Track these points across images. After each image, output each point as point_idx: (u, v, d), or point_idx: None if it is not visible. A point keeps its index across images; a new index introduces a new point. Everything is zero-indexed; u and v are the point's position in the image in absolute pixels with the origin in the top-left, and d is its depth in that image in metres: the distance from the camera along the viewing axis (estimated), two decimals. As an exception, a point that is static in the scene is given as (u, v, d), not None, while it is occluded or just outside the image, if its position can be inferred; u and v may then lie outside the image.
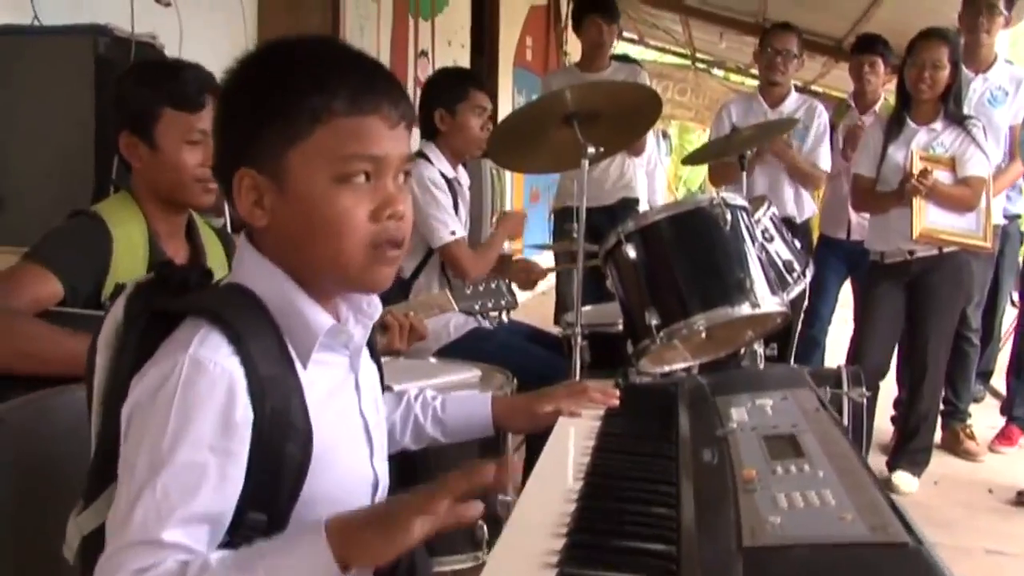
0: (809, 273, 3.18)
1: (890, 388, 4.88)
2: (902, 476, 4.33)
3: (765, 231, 3.05)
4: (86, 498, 1.28)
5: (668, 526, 1.24)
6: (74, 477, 1.31)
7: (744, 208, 2.61)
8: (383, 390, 1.59)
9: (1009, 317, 5.83)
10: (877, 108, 5.22)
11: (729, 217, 2.50)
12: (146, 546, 1.10)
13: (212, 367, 1.17)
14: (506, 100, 8.88)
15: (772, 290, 2.52)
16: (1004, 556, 3.72)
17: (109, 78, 2.98)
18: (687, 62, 12.74)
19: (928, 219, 4.10)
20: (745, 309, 2.41)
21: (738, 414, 1.66)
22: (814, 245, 5.18)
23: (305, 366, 1.28)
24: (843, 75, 10.09)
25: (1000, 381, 6.07)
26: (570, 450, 1.68)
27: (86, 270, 2.10)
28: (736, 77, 12.68)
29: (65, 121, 3.06)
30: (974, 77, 4.66)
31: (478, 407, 1.88)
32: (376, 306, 1.43)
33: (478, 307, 2.67)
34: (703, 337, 2.54)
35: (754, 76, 8.48)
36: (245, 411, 1.18)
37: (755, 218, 2.89)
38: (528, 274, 3.65)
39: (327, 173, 1.24)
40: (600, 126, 2.93)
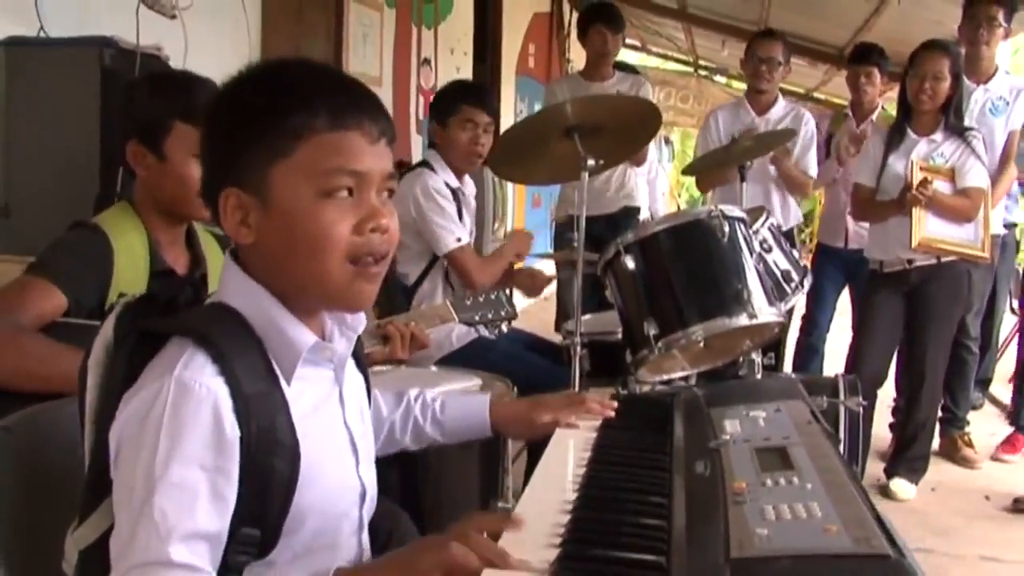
0: (807, 283, 3.20)
1: (888, 395, 4.89)
2: (900, 483, 4.36)
3: (764, 241, 3.07)
4: (81, 513, 1.30)
5: (659, 537, 1.27)
6: (78, 489, 1.33)
7: (742, 219, 2.64)
8: (369, 400, 1.62)
9: (1007, 325, 5.86)
10: (874, 117, 5.26)
11: (727, 228, 2.52)
12: (156, 567, 1.13)
13: (198, 388, 1.20)
14: (508, 108, 8.90)
15: (769, 300, 2.55)
16: (1000, 563, 3.74)
17: (114, 89, 3.01)
18: (689, 69, 12.75)
19: (927, 229, 4.12)
20: (742, 319, 2.44)
21: (731, 426, 1.69)
22: (800, 251, 5.19)
23: (289, 383, 1.31)
24: (844, 83, 10.17)
25: (998, 388, 6.11)
26: (567, 461, 1.70)
27: (89, 282, 2.11)
28: (738, 84, 12.67)
29: (71, 131, 3.08)
30: (975, 88, 4.68)
31: (476, 409, 1.91)
32: (360, 319, 1.47)
33: (478, 318, 2.70)
34: (701, 347, 2.56)
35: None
36: (232, 429, 1.21)
37: (754, 229, 2.91)
38: (533, 280, 3.69)
39: (310, 188, 1.27)
40: (601, 139, 2.96)
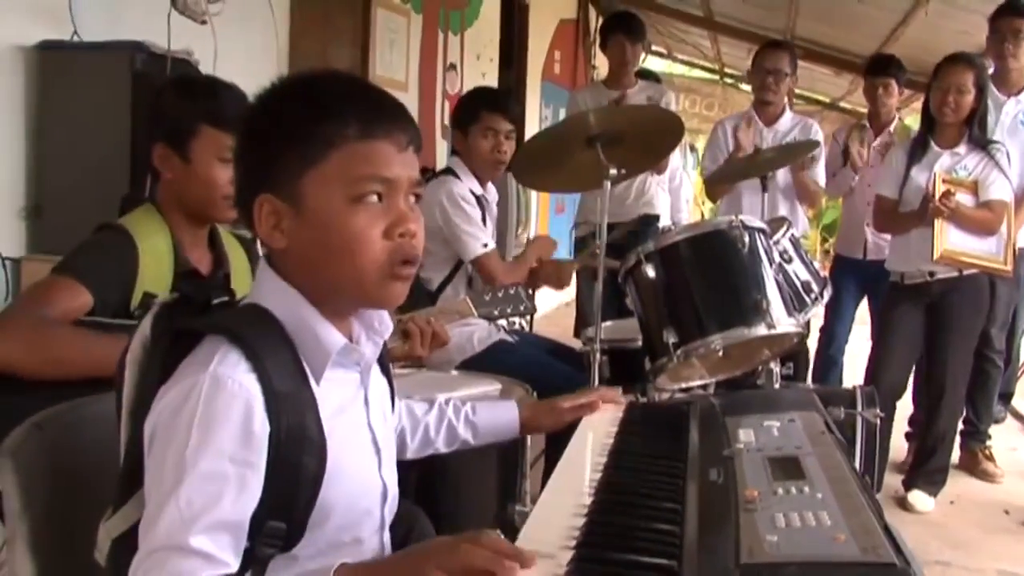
0: (827, 294, 3.21)
1: (906, 406, 4.89)
2: (918, 495, 4.35)
3: (784, 252, 3.08)
4: (115, 504, 1.35)
5: (671, 542, 1.29)
6: (109, 483, 1.37)
7: (762, 230, 2.66)
8: (392, 404, 1.66)
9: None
10: (892, 128, 5.25)
11: (747, 239, 2.55)
12: (174, 551, 1.16)
13: (231, 384, 1.24)
14: (533, 114, 8.94)
15: (788, 311, 2.57)
16: (1018, 578, 3.74)
17: (145, 93, 3.07)
18: (715, 77, 12.76)
19: (949, 241, 4.12)
20: (761, 329, 2.46)
21: (746, 435, 1.71)
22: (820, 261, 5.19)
23: (319, 383, 1.35)
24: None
25: (1020, 403, 6.09)
26: (583, 466, 1.73)
27: (114, 281, 2.15)
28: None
29: (102, 134, 3.14)
30: (1006, 100, 4.67)
31: (507, 410, 2.00)
32: (387, 324, 1.51)
33: (497, 312, 2.72)
34: (720, 356, 2.59)
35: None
36: (262, 425, 1.25)
37: (774, 239, 2.93)
38: (559, 271, 3.71)
39: (342, 194, 1.32)
40: (623, 148, 2.98)
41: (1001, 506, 4.47)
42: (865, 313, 5.32)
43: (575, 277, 5.49)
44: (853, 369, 5.48)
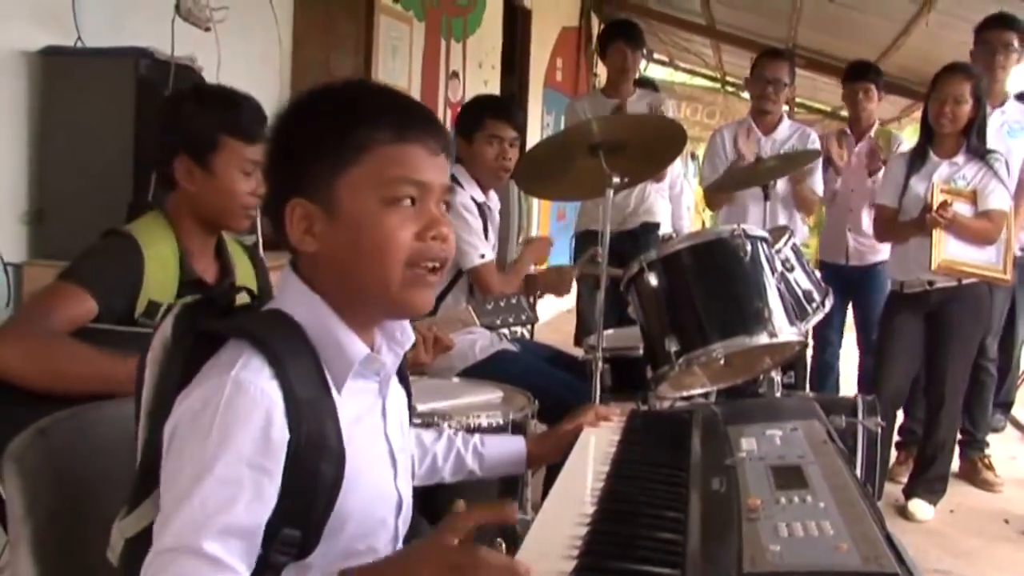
0: (828, 303, 3.22)
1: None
2: (918, 504, 4.36)
3: (786, 261, 3.09)
4: (130, 503, 1.35)
5: (675, 551, 1.30)
6: (113, 488, 1.37)
7: (764, 239, 2.67)
8: (410, 416, 1.66)
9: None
10: (872, 133, 5.29)
11: (749, 248, 2.55)
12: (183, 553, 1.16)
13: (253, 389, 1.24)
14: (535, 121, 8.94)
15: (790, 320, 2.58)
16: (1017, 586, 3.74)
17: (149, 99, 3.07)
18: (717, 85, 12.78)
19: (948, 251, 4.13)
20: (763, 338, 2.47)
21: (748, 444, 1.72)
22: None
23: (340, 391, 1.36)
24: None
25: (1020, 412, 6.10)
26: (586, 475, 1.74)
27: (119, 288, 2.16)
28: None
29: (105, 139, 3.14)
30: (991, 111, 4.69)
31: (514, 444, 2.01)
32: (409, 336, 1.52)
33: (499, 322, 2.73)
34: (721, 364, 2.60)
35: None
36: (282, 432, 1.25)
37: (776, 248, 2.94)
38: (560, 277, 3.71)
39: (375, 197, 1.33)
40: (625, 157, 2.98)
41: (1001, 515, 4.47)
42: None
43: (576, 285, 5.50)
44: (843, 376, 5.54)
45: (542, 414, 2.73)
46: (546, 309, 3.62)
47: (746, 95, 12.18)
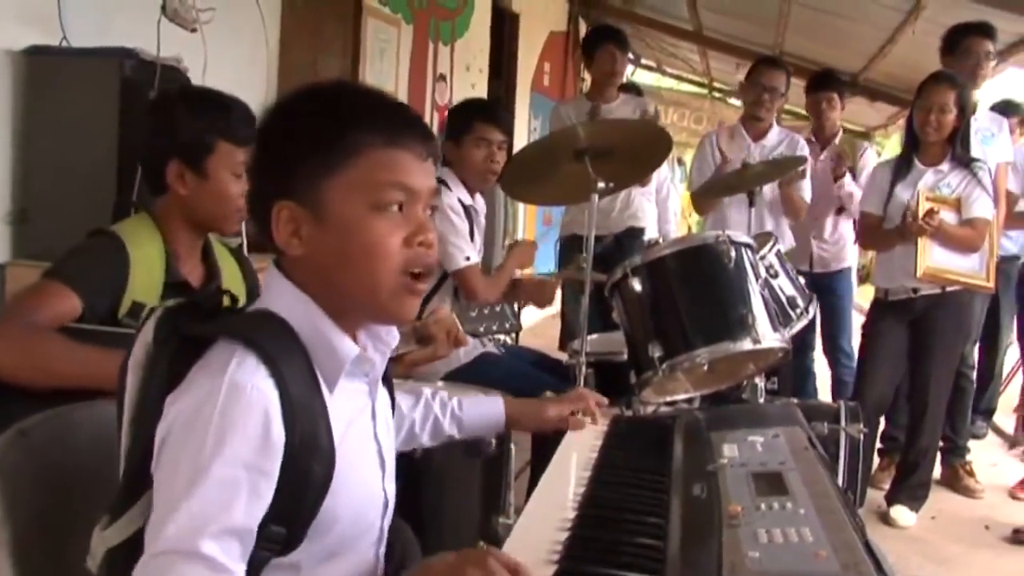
0: (813, 309, 3.22)
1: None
2: (900, 510, 4.37)
3: (770, 267, 3.10)
4: (113, 513, 1.32)
5: (655, 557, 1.30)
6: (95, 491, 1.36)
7: (749, 245, 2.67)
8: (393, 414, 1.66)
9: (1011, 356, 5.91)
10: (837, 141, 5.32)
11: (733, 254, 2.56)
12: (181, 556, 1.15)
13: (250, 390, 1.23)
14: (522, 126, 8.95)
15: (774, 326, 2.58)
16: (999, 593, 3.76)
17: (134, 99, 3.07)
18: (704, 91, 12.81)
19: (932, 258, 4.15)
20: (746, 344, 2.47)
21: (730, 450, 1.72)
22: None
23: (332, 391, 1.36)
24: (858, 109, 10.22)
25: (1001, 419, 6.13)
26: (568, 480, 1.74)
27: (104, 288, 2.15)
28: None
29: (90, 140, 3.14)
30: None
31: (492, 406, 2.02)
32: (394, 335, 1.52)
33: (483, 329, 2.73)
34: (705, 370, 2.59)
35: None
36: (279, 432, 1.24)
37: (761, 254, 2.94)
38: (542, 290, 3.71)
39: (363, 201, 1.33)
40: (611, 162, 2.98)
41: (982, 522, 4.49)
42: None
43: (560, 289, 5.50)
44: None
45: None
46: (531, 313, 3.62)
47: (734, 101, 12.36)
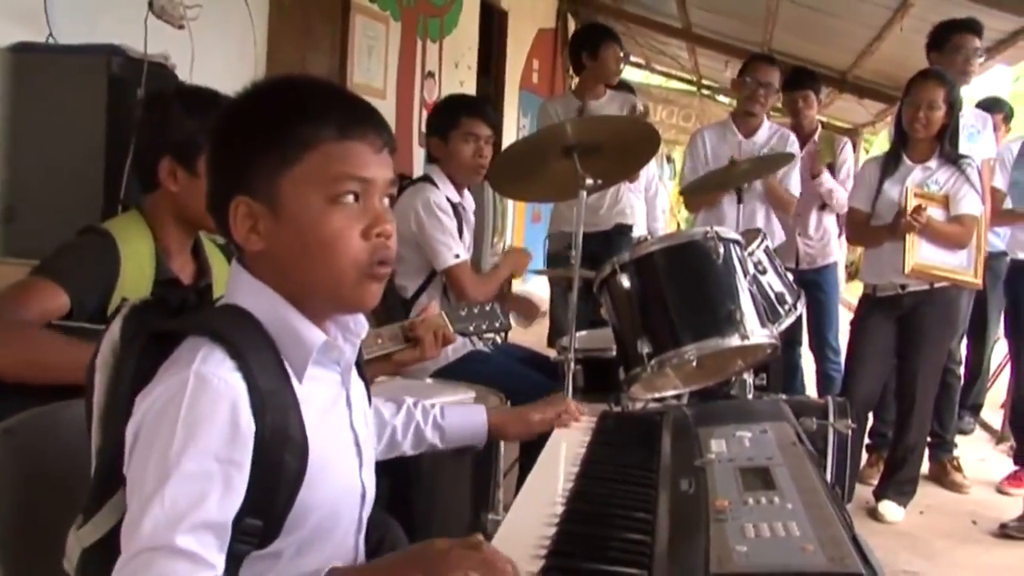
0: (801, 306, 3.23)
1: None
2: (888, 506, 4.39)
3: (759, 263, 3.10)
4: (86, 512, 1.33)
5: (642, 551, 1.31)
6: (80, 489, 1.35)
7: (737, 241, 2.67)
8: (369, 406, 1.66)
9: (999, 351, 5.93)
10: (816, 137, 5.34)
11: (722, 250, 2.55)
12: (159, 552, 1.15)
13: (217, 382, 1.23)
14: (511, 123, 8.95)
15: (762, 322, 2.58)
16: (985, 588, 3.77)
17: (121, 96, 3.05)
18: (692, 88, 12.82)
19: (920, 255, 4.16)
20: (735, 340, 2.47)
21: (717, 445, 1.73)
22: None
23: (301, 381, 1.36)
24: (847, 106, 10.26)
25: (988, 414, 6.16)
26: (556, 475, 1.74)
27: (93, 285, 2.14)
28: (740, 104, 12.76)
29: (77, 137, 3.12)
30: None
31: (475, 415, 2.02)
32: (362, 324, 1.51)
33: (472, 328, 2.72)
34: (694, 366, 2.59)
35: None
36: (248, 423, 1.24)
37: (749, 250, 2.94)
38: (528, 308, 3.71)
39: (319, 195, 1.33)
40: (599, 158, 2.98)
41: (969, 516, 4.50)
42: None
43: (549, 286, 5.50)
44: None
45: (515, 410, 2.73)
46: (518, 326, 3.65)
47: (723, 98, 12.36)
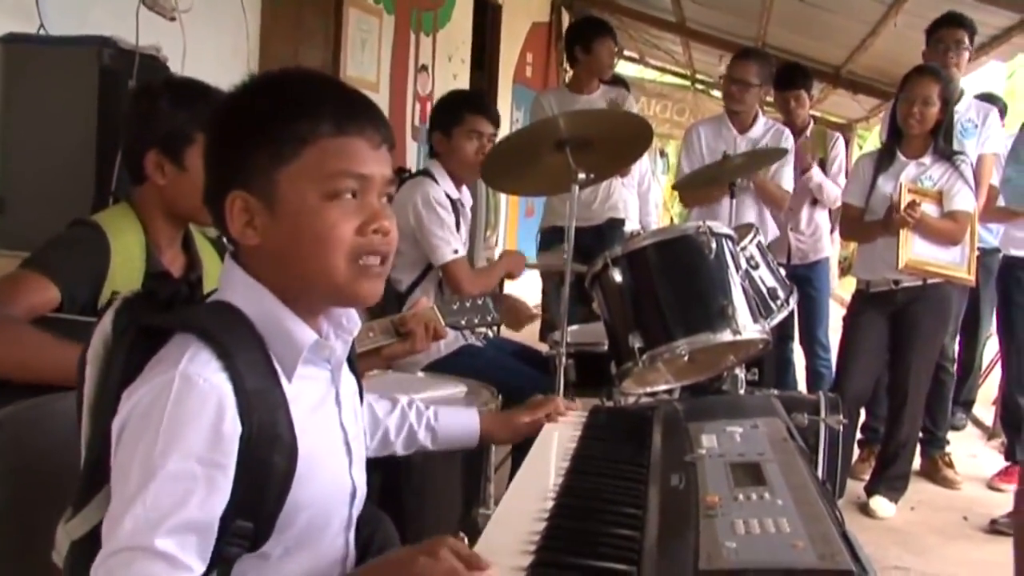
0: (793, 300, 3.23)
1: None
2: (880, 501, 4.39)
3: (751, 258, 3.10)
4: (75, 505, 1.33)
5: (631, 547, 1.30)
6: (71, 482, 1.35)
7: (729, 236, 2.67)
8: (361, 403, 1.65)
9: (990, 349, 5.94)
10: (808, 133, 5.35)
11: (714, 245, 2.55)
12: (138, 552, 1.15)
13: (202, 383, 1.22)
14: (504, 116, 8.91)
15: (754, 317, 2.58)
16: (975, 583, 3.77)
17: (113, 88, 3.04)
18: (686, 83, 12.81)
19: (914, 250, 4.16)
20: (726, 335, 2.47)
21: (708, 441, 1.72)
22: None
23: (290, 380, 1.35)
24: (841, 101, 10.26)
25: (980, 411, 6.17)
26: (546, 470, 1.74)
27: (84, 278, 2.13)
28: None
29: (68, 129, 3.11)
30: None
31: (467, 420, 2.01)
32: (355, 322, 1.51)
33: (464, 322, 2.71)
34: (685, 361, 2.59)
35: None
36: (233, 425, 1.23)
37: (741, 245, 2.95)
38: (517, 313, 3.70)
39: (316, 191, 1.32)
40: (592, 152, 2.98)
41: (960, 512, 4.51)
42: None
43: (540, 280, 5.50)
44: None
45: (506, 408, 2.72)
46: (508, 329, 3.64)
47: (716, 93, 12.35)
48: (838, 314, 5.34)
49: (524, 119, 9.21)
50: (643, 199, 6.20)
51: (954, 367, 4.99)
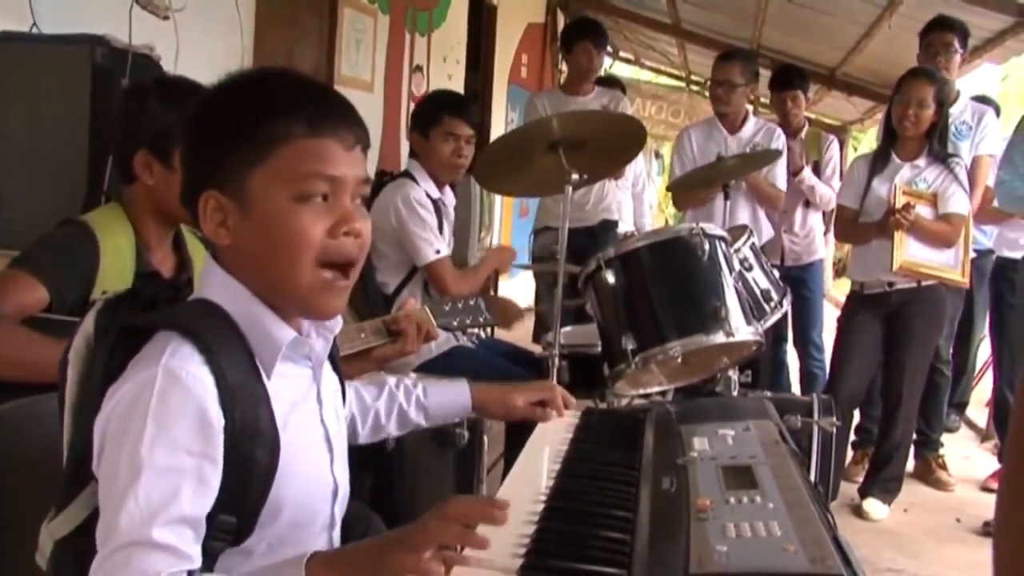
0: (786, 302, 3.23)
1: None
2: (873, 503, 4.39)
3: (744, 260, 3.09)
4: (58, 505, 1.32)
5: (622, 551, 1.30)
6: (57, 482, 1.34)
7: (723, 238, 2.67)
8: (344, 402, 1.65)
9: (983, 351, 5.94)
10: (804, 134, 5.35)
11: (707, 246, 2.55)
12: (137, 547, 1.14)
13: (185, 376, 1.22)
14: (499, 117, 8.93)
15: (747, 319, 2.58)
16: (968, 586, 3.77)
17: (106, 87, 3.02)
18: (681, 84, 12.81)
19: (908, 252, 4.16)
20: (719, 337, 2.47)
21: (700, 443, 1.72)
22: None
23: (269, 376, 1.34)
24: (835, 103, 10.26)
25: (973, 413, 6.17)
26: (538, 472, 1.73)
27: (73, 278, 2.13)
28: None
29: (60, 128, 3.09)
30: None
31: (458, 392, 1.99)
32: (337, 320, 1.49)
33: (456, 323, 2.71)
34: (679, 362, 2.59)
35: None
36: (218, 417, 1.23)
37: (735, 247, 2.94)
38: (506, 312, 3.69)
39: (287, 192, 1.31)
40: (585, 154, 2.97)
41: (953, 514, 4.51)
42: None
43: (534, 281, 5.49)
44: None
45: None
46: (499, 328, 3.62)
47: (711, 94, 12.33)
48: (832, 315, 5.33)
49: (519, 120, 9.19)
50: (637, 200, 6.20)
51: (949, 369, 4.99)
